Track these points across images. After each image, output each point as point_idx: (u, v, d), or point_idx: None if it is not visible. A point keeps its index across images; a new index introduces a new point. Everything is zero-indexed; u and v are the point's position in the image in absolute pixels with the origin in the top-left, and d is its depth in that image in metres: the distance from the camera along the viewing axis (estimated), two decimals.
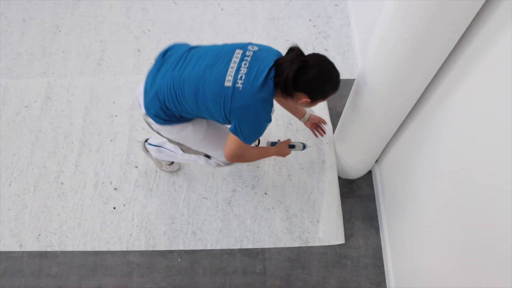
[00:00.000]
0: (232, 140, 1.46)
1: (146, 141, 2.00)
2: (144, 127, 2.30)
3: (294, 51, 1.37)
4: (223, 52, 1.41)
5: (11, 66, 2.55)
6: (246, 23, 2.65)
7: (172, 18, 2.69)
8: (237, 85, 1.34)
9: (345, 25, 2.61)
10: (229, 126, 1.46)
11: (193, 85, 1.39)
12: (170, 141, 1.75)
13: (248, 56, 1.38)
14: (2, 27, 2.70)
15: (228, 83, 1.34)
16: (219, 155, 1.80)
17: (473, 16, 1.04)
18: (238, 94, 1.34)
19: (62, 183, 2.17)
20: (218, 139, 1.73)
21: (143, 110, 1.55)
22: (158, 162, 2.10)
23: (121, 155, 2.23)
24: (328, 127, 2.15)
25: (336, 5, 2.69)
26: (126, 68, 2.52)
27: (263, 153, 1.73)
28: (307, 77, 1.33)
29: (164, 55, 1.52)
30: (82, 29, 2.67)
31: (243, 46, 1.42)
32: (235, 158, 1.54)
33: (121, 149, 2.25)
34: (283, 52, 1.46)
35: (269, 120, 1.44)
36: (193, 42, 2.57)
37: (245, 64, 1.36)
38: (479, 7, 1.01)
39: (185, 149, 1.80)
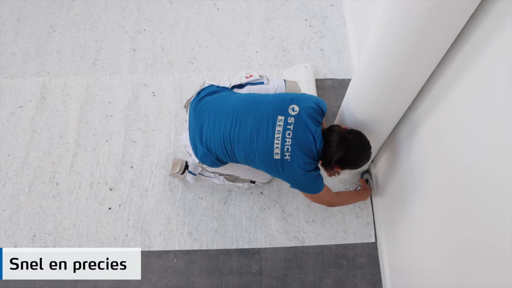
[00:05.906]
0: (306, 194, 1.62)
1: (186, 168, 2.02)
2: (139, 127, 2.29)
3: (336, 131, 1.49)
4: (264, 117, 1.48)
5: (5, 66, 2.53)
6: (242, 23, 2.65)
7: (167, 17, 2.68)
8: (285, 158, 1.46)
9: (341, 25, 2.61)
10: None
11: (242, 149, 1.51)
12: (221, 174, 1.86)
13: (291, 124, 1.46)
14: None
15: (277, 156, 1.46)
16: (263, 179, 1.99)
17: (469, 16, 1.05)
18: (288, 166, 1.47)
19: (57, 184, 2.16)
20: None
21: (196, 160, 1.67)
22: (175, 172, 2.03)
23: (116, 155, 2.22)
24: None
25: (332, 5, 2.69)
26: (121, 67, 2.51)
27: (355, 198, 1.91)
28: (347, 161, 1.51)
29: (200, 100, 1.62)
30: (77, 28, 2.65)
31: (284, 111, 1.48)
32: (324, 203, 1.72)
33: (117, 149, 2.24)
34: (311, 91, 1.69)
35: (318, 172, 1.57)
36: (189, 42, 2.58)
37: (289, 135, 1.45)
38: (475, 7, 1.01)
39: (233, 179, 1.94)
